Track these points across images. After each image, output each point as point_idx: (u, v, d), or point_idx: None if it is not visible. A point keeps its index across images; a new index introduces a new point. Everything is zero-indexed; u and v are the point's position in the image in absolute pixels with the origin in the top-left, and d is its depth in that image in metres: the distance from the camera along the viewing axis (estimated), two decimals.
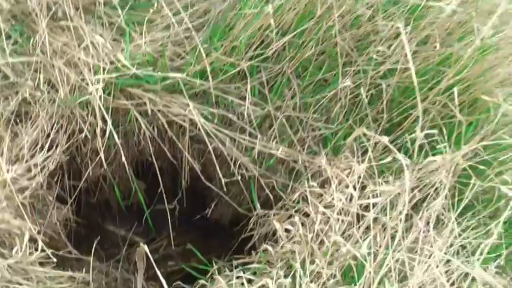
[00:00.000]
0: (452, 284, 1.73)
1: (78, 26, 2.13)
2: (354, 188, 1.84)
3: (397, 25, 1.95)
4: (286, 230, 2.07)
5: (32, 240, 1.89)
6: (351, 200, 1.86)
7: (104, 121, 2.00)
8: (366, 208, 1.86)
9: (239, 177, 2.19)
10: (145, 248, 1.95)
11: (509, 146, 2.06)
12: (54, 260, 1.91)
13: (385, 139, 1.83)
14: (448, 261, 1.76)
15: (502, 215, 1.77)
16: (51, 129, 2.04)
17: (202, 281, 2.15)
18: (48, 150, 2.01)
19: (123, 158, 2.01)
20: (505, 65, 2.18)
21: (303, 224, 1.99)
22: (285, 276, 1.89)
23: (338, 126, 2.15)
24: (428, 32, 2.16)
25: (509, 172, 1.98)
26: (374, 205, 1.82)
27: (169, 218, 2.22)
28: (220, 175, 2.14)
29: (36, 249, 1.88)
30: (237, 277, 1.98)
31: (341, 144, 2.15)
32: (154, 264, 1.79)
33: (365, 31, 2.19)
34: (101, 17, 2.23)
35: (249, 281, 1.96)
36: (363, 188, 1.89)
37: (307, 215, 2.03)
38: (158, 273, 1.74)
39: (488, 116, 2.03)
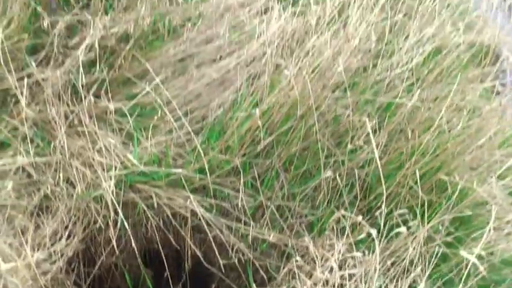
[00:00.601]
0: None
1: (92, 132, 2.52)
2: (335, 262, 2.16)
3: (368, 122, 2.35)
4: None
5: None
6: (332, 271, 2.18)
7: (116, 213, 2.34)
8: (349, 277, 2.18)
9: (236, 261, 2.50)
10: None
11: (477, 224, 2.42)
12: None
13: (360, 218, 2.17)
14: None
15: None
16: (69, 221, 2.38)
17: None
18: (67, 239, 2.34)
19: (134, 245, 2.33)
20: (468, 153, 2.56)
21: None
22: None
23: (322, 211, 2.49)
24: (400, 126, 2.56)
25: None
26: (352, 276, 2.14)
27: None
28: (220, 259, 2.45)
29: None
30: None
31: (325, 227, 2.48)
32: None
33: (343, 128, 2.59)
34: (112, 124, 2.64)
35: None
36: (344, 261, 2.21)
37: None
38: None
39: (452, 195, 2.37)
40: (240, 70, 2.87)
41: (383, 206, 2.09)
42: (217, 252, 2.44)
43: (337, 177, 2.41)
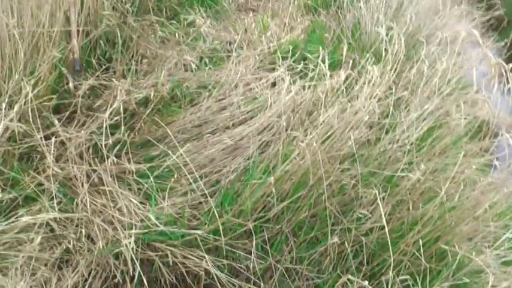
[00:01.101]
0: None
1: (113, 191, 2.74)
2: None
3: (374, 192, 2.59)
4: None
5: None
6: None
7: (133, 269, 2.53)
8: None
9: None
10: None
11: None
12: None
13: (366, 283, 2.37)
14: None
15: None
16: (89, 275, 2.57)
17: None
18: None
19: None
20: (466, 222, 2.79)
21: None
22: None
23: (328, 275, 2.70)
24: (402, 197, 2.80)
25: None
26: None
27: None
28: None
29: None
30: None
31: None
32: None
33: (349, 197, 2.82)
34: (130, 184, 2.86)
35: None
36: None
37: None
38: None
39: (452, 263, 2.59)
40: (252, 138, 3.12)
41: (390, 273, 2.31)
42: None
43: (345, 243, 2.62)
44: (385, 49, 3.61)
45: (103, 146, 2.85)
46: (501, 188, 2.92)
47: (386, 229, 2.40)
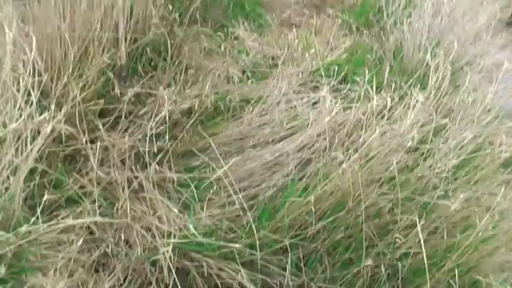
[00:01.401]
0: None
1: (153, 198, 2.81)
2: None
3: (412, 217, 2.63)
4: None
5: None
6: None
7: (169, 277, 2.59)
8: None
9: None
10: None
11: None
12: None
13: None
14: None
15: None
16: (125, 280, 2.63)
17: None
18: None
19: None
20: (500, 253, 2.81)
21: None
22: None
23: None
24: (437, 224, 2.83)
25: None
26: None
27: None
28: None
29: None
30: None
31: None
32: None
33: (385, 221, 2.85)
34: (170, 192, 2.93)
35: None
36: None
37: None
38: None
39: None
40: (292, 155, 3.17)
41: None
42: None
43: (379, 266, 2.66)
44: (429, 75, 3.64)
45: (146, 153, 2.92)
46: None
47: (424, 255, 2.43)
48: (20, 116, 2.46)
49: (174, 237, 2.64)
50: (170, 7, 3.95)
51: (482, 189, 3.29)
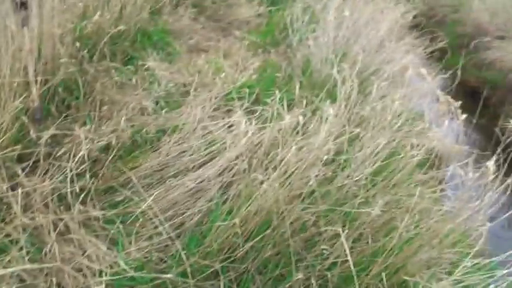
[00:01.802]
0: None
1: (80, 238, 2.84)
2: None
3: (336, 228, 2.74)
4: None
5: None
6: None
7: None
8: None
9: None
10: None
11: None
12: None
13: None
14: None
15: None
16: None
17: None
18: None
19: None
20: (424, 251, 2.95)
21: None
22: None
23: None
24: (361, 230, 2.96)
25: None
26: None
27: None
28: None
29: None
30: None
31: None
32: None
33: (311, 234, 2.96)
34: (96, 230, 2.96)
35: None
36: None
37: None
38: None
39: None
40: (213, 180, 3.26)
41: None
42: None
43: (310, 278, 2.76)
44: (337, 87, 3.78)
45: (68, 194, 2.94)
46: (455, 216, 3.09)
47: (351, 262, 2.54)
48: None
49: (106, 274, 2.67)
50: (78, 44, 3.98)
51: (401, 192, 3.44)
